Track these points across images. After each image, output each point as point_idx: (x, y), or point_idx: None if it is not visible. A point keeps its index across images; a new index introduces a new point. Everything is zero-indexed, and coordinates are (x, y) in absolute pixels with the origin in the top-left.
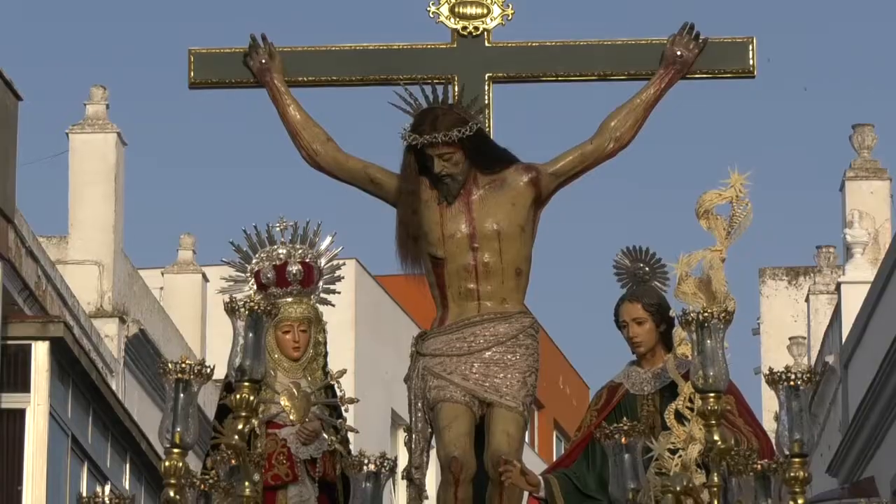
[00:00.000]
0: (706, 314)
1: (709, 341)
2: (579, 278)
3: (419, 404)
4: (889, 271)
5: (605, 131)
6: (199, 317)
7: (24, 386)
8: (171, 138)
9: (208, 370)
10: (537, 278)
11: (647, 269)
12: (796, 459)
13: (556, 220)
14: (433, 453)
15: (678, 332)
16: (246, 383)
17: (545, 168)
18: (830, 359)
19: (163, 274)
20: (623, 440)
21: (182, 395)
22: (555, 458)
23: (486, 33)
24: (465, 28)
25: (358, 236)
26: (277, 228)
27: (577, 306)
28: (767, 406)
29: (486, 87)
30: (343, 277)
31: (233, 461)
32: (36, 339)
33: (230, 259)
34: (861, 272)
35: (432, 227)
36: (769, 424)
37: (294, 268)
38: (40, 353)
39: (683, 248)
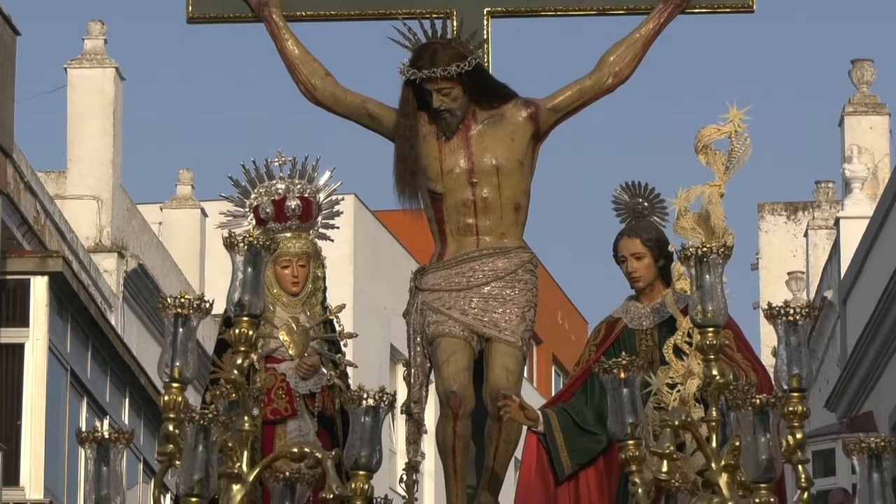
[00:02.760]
0: (705, 249)
1: (707, 276)
2: (578, 213)
3: (418, 339)
4: (888, 206)
5: (603, 66)
6: (198, 252)
7: (22, 320)
8: (170, 73)
9: (207, 305)
10: (536, 213)
11: (645, 204)
12: (795, 394)
13: (556, 155)
14: (432, 388)
15: (677, 267)
16: (245, 318)
17: (544, 103)
18: (829, 294)
19: (161, 209)
20: (621, 375)
21: (181, 329)
22: (553, 393)
23: None
24: None
25: (357, 171)
26: (276, 163)
27: (575, 241)
28: (766, 341)
29: (485, 22)
30: (342, 212)
31: (232, 396)
32: (35, 273)
33: (229, 194)
34: (860, 207)
35: (431, 161)
36: (768, 359)
37: (293, 203)
38: (39, 288)
39: (682, 183)
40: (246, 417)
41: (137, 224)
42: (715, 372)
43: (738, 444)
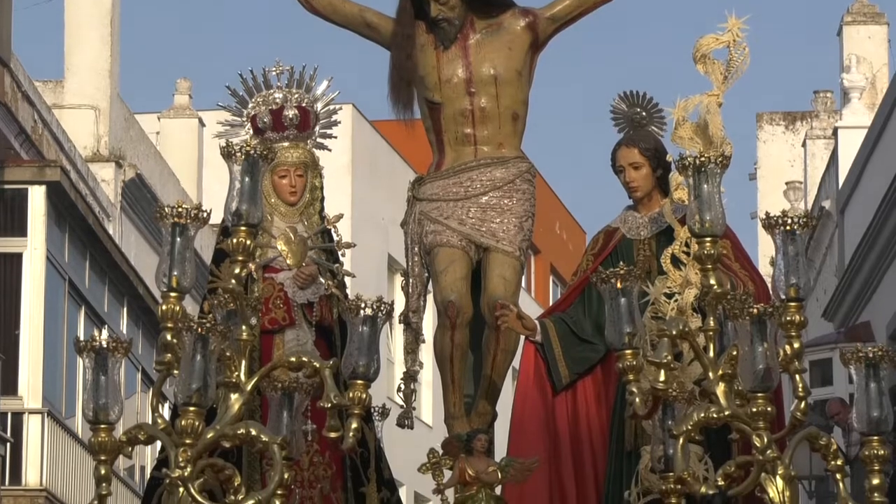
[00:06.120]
0: (703, 158)
1: (705, 186)
2: (576, 123)
3: (416, 249)
4: (886, 116)
5: None
6: (196, 161)
7: (20, 230)
8: None
9: (205, 214)
10: (534, 123)
11: (644, 113)
12: (792, 304)
13: (554, 65)
14: (430, 298)
15: (675, 177)
16: (242, 228)
17: (543, 12)
18: (827, 203)
19: (159, 118)
20: (619, 284)
21: (179, 239)
22: (551, 303)
23: None
24: None
25: (354, 81)
26: (274, 73)
27: (573, 151)
28: (764, 251)
29: None
30: (339, 122)
31: (230, 305)
32: (32, 183)
33: (226, 104)
34: (858, 117)
35: (429, 71)
36: (765, 269)
37: (290, 112)
38: (37, 198)
39: (680, 93)
40: (244, 327)
41: (135, 134)
42: (712, 281)
43: (735, 353)
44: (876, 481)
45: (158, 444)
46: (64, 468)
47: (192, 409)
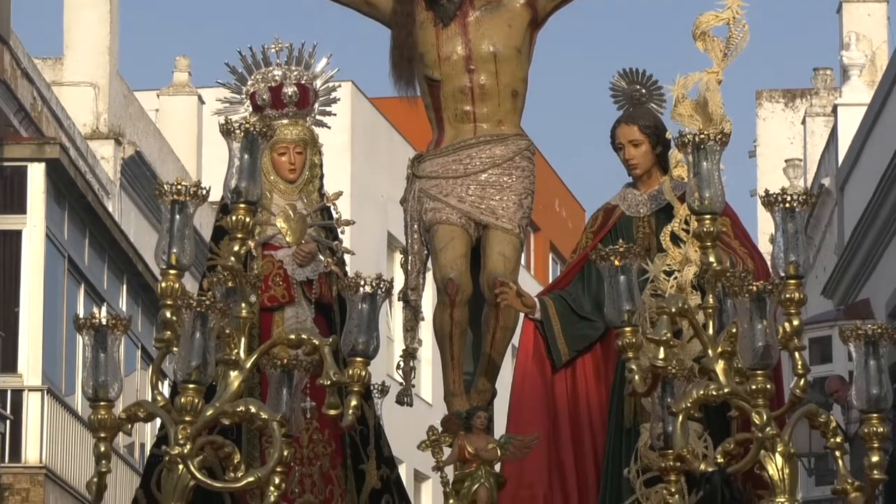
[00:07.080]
0: (702, 136)
1: (705, 163)
2: (575, 100)
3: (415, 226)
4: (885, 93)
5: None
6: (195, 139)
7: (20, 207)
8: None
9: (204, 192)
10: (533, 100)
11: (643, 91)
12: (791, 281)
13: (554, 42)
14: (429, 275)
15: (674, 154)
16: (242, 205)
17: None
18: (826, 181)
19: (158, 96)
20: (618, 262)
21: (178, 216)
22: (550, 281)
23: None
24: None
25: (354, 58)
26: (273, 50)
27: (573, 128)
28: (763, 228)
29: None
30: (339, 99)
31: (229, 282)
32: (32, 160)
33: (226, 81)
34: (858, 94)
35: (428, 48)
36: (765, 246)
37: (290, 89)
38: (36, 175)
39: (680, 70)
40: (243, 304)
41: (134, 111)
42: (712, 259)
43: (734, 330)
44: (875, 458)
45: (158, 421)
46: (64, 445)
47: (191, 386)
